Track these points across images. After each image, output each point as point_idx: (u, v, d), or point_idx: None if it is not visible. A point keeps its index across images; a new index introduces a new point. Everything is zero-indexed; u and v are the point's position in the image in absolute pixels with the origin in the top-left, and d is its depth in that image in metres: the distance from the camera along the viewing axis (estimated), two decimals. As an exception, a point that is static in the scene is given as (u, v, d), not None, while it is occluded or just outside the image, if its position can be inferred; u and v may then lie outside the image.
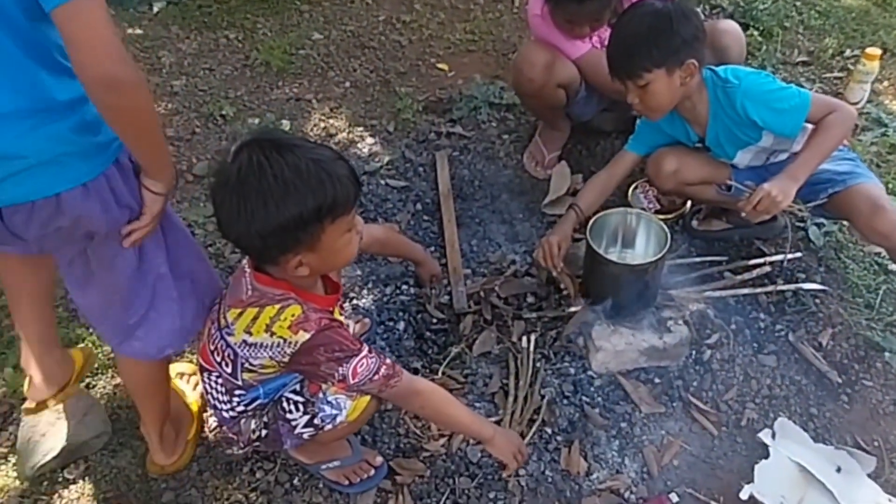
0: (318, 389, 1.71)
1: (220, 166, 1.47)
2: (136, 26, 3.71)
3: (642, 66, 2.02)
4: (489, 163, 2.97)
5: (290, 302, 1.52)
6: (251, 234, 1.43)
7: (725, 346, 2.25)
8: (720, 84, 2.16)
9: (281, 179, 1.38)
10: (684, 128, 2.29)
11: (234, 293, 1.60)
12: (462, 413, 1.80)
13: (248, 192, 1.39)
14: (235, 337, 1.57)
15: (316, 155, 1.44)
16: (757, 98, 2.10)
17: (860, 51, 3.23)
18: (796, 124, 2.11)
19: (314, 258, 1.49)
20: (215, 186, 1.46)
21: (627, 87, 2.09)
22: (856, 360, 2.25)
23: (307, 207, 1.41)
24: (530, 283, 2.43)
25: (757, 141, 2.20)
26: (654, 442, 2.04)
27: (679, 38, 2.01)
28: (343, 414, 1.73)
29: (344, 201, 1.46)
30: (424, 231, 2.67)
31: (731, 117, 2.16)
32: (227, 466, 1.98)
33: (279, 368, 1.60)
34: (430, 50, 3.62)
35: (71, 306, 2.36)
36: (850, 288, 2.43)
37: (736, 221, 2.54)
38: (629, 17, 2.10)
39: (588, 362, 2.20)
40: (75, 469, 1.97)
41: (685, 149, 2.35)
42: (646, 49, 2.01)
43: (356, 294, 2.43)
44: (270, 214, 1.39)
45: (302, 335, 1.50)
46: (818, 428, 2.08)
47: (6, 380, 2.15)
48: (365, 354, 1.58)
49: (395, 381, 1.63)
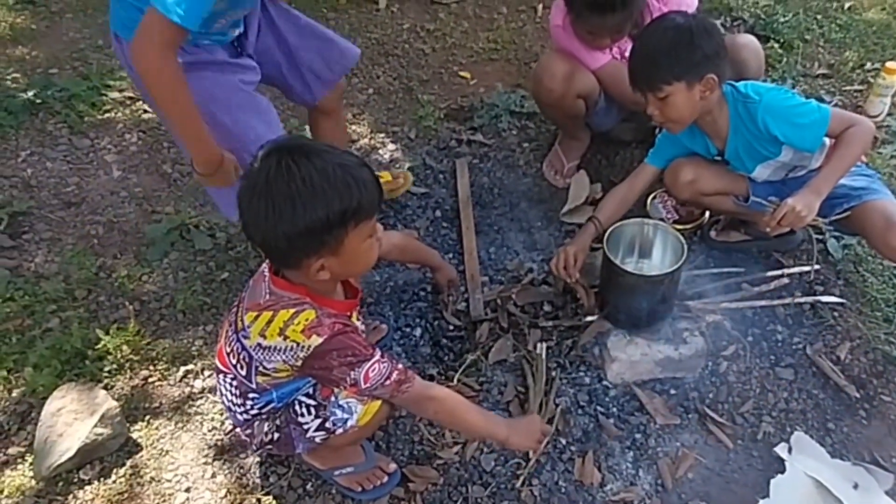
0: (330, 393, 1.73)
1: (247, 171, 1.49)
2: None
3: (663, 78, 2.03)
4: (509, 171, 2.97)
5: (305, 307, 1.53)
6: (277, 235, 1.44)
7: (742, 358, 2.24)
8: (741, 99, 2.16)
9: (309, 182, 1.41)
10: (704, 141, 2.29)
11: (252, 297, 1.61)
12: (476, 418, 1.78)
13: (276, 195, 1.41)
14: (251, 340, 1.58)
15: (342, 160, 1.47)
16: (778, 113, 2.11)
17: (880, 64, 3.21)
18: (816, 139, 2.12)
19: (336, 262, 1.51)
20: (243, 190, 1.48)
21: (647, 98, 2.10)
22: (874, 374, 2.22)
23: (333, 211, 1.43)
24: (547, 291, 2.43)
25: (777, 155, 2.21)
26: (669, 454, 2.03)
27: (700, 53, 2.02)
28: (354, 418, 1.74)
29: (368, 206, 1.48)
30: (443, 238, 2.67)
31: (752, 132, 2.17)
32: (241, 470, 1.99)
33: (292, 372, 1.61)
34: (453, 58, 3.64)
35: (91, 306, 2.40)
36: (870, 301, 2.40)
37: (754, 233, 2.53)
38: (651, 30, 2.12)
39: (603, 372, 2.20)
40: (91, 470, 1.99)
41: (703, 160, 2.35)
42: (666, 62, 2.02)
43: (374, 300, 2.44)
44: (298, 216, 1.41)
45: (315, 339, 1.51)
46: (835, 443, 2.05)
47: (26, 379, 2.17)
48: (377, 359, 1.59)
49: (407, 387, 1.64)
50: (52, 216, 2.74)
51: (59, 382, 2.12)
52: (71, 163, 2.97)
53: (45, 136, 3.08)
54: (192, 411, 2.14)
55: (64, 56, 3.55)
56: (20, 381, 2.19)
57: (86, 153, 3.02)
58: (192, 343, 2.31)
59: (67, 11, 3.92)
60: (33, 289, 2.44)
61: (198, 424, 2.10)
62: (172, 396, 2.17)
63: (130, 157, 3.01)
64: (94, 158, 3.00)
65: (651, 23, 2.18)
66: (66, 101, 3.21)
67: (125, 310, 2.39)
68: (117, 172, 2.94)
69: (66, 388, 2.06)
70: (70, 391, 2.05)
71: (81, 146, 3.04)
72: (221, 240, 2.63)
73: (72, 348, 2.23)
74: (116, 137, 3.10)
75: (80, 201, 2.81)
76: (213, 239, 2.63)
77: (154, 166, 2.97)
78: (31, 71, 3.44)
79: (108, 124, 3.16)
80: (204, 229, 2.66)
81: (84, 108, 3.19)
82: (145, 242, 2.64)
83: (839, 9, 3.91)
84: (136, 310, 2.40)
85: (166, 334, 2.34)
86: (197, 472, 1.99)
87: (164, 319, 2.39)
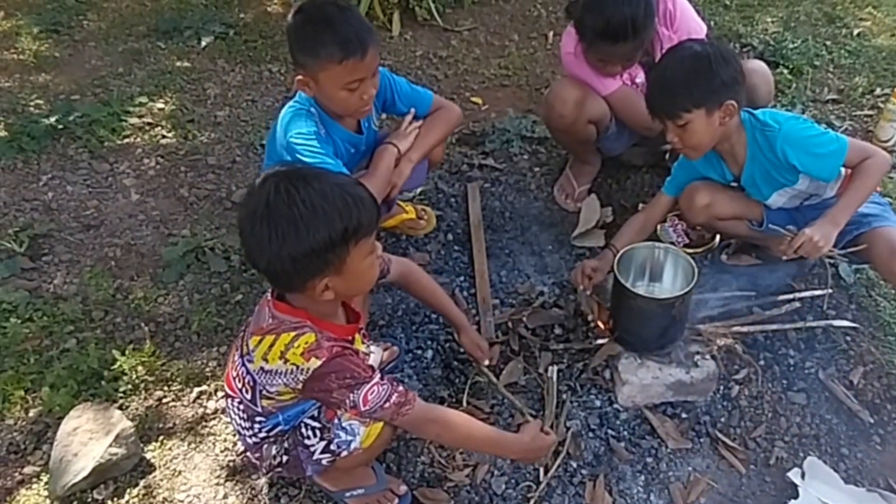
0: (334, 415, 1.74)
1: (246, 197, 1.53)
2: (185, 59, 3.83)
3: (682, 106, 2.06)
4: (520, 195, 3.00)
5: (306, 330, 1.56)
6: (283, 258, 1.47)
7: (754, 383, 2.23)
8: (759, 127, 2.18)
9: (310, 204, 1.44)
10: (720, 167, 2.31)
11: (256, 321, 1.64)
12: (481, 437, 1.77)
13: (278, 219, 1.45)
14: (255, 364, 1.60)
15: (338, 181, 1.52)
16: (796, 143, 2.13)
17: (890, 89, 3.22)
18: (834, 169, 2.15)
19: (339, 281, 1.54)
20: (243, 216, 1.51)
21: (667, 126, 2.13)
22: (888, 399, 2.21)
23: (335, 230, 1.46)
24: (558, 314, 2.44)
25: (793, 184, 2.22)
26: (681, 478, 2.02)
27: (718, 80, 2.04)
28: (357, 440, 1.75)
29: (368, 222, 1.52)
30: (455, 261, 2.69)
31: (770, 160, 2.19)
32: (252, 491, 2.00)
33: (295, 395, 1.63)
34: (465, 84, 3.68)
35: (108, 327, 2.43)
36: (882, 326, 2.40)
37: (765, 257, 2.54)
38: (669, 58, 2.15)
39: (614, 395, 2.20)
40: (105, 489, 2.01)
41: (718, 184, 2.36)
42: (686, 90, 2.05)
43: (385, 322, 2.45)
44: (301, 238, 1.44)
45: (314, 362, 1.53)
46: (849, 469, 2.04)
47: (42, 399, 2.20)
48: (376, 382, 1.60)
49: (408, 409, 1.65)
50: (72, 238, 2.78)
51: (76, 402, 2.15)
52: (91, 186, 3.03)
53: (66, 160, 3.14)
54: (205, 432, 2.15)
55: (86, 83, 3.63)
56: (37, 401, 2.22)
57: (105, 177, 3.07)
58: (206, 364, 2.34)
59: (90, 40, 4.00)
60: (52, 310, 2.48)
61: (210, 445, 2.12)
62: (186, 417, 2.19)
63: (148, 182, 3.06)
64: (114, 182, 3.05)
65: (668, 51, 2.21)
66: (86, 126, 3.27)
67: (141, 331, 2.43)
68: (135, 196, 2.99)
69: (81, 408, 2.09)
70: (86, 411, 2.08)
71: (101, 170, 3.10)
72: (236, 262, 2.66)
73: (88, 368, 2.26)
74: (135, 162, 3.15)
75: (99, 224, 2.86)
76: (227, 261, 2.67)
77: (171, 190, 3.02)
78: (53, 97, 3.52)
79: (127, 149, 3.22)
80: (219, 252, 2.70)
81: (104, 133, 3.25)
82: (161, 265, 2.68)
83: (848, 35, 3.93)
84: (152, 331, 2.43)
85: (181, 355, 2.37)
86: (209, 492, 2.01)
87: (178, 340, 2.41)
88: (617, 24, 2.34)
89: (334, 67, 2.02)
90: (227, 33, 4.03)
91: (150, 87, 3.60)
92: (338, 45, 2.00)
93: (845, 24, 4.03)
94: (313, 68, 2.05)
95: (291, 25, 2.10)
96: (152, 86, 3.61)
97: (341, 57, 2.00)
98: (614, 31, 2.35)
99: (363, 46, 2.02)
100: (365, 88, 2.10)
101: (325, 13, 2.05)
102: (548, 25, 4.11)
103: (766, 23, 4.03)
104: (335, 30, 2.01)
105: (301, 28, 2.07)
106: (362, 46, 2.02)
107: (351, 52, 2.00)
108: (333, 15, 2.03)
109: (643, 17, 2.35)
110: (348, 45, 2.00)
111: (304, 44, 2.06)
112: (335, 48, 2.00)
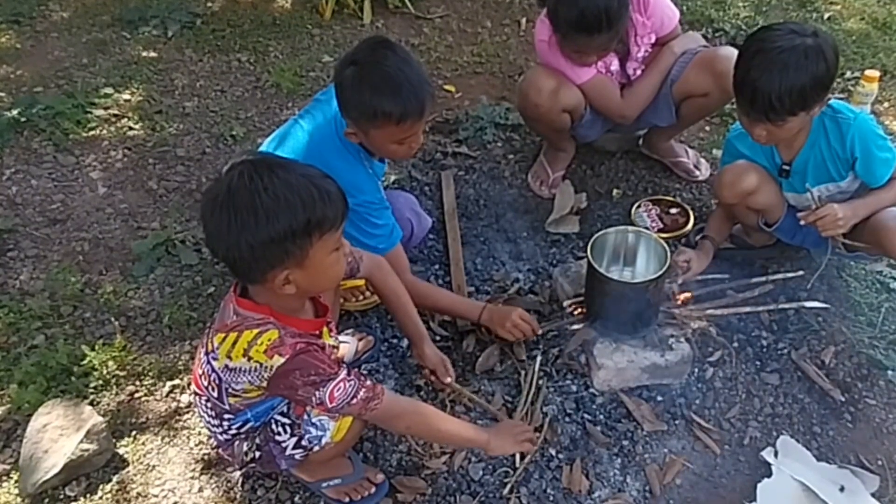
0: (303, 412, 1.72)
1: (211, 184, 1.50)
2: (151, 49, 3.77)
3: (792, 112, 2.00)
4: (494, 182, 2.99)
5: (269, 327, 1.53)
6: (241, 246, 1.44)
7: (728, 364, 2.25)
8: (829, 113, 2.13)
9: (272, 193, 1.41)
10: (770, 150, 2.26)
11: (220, 318, 1.62)
12: (452, 427, 1.80)
13: (238, 206, 1.42)
14: (219, 362, 1.58)
15: (305, 171, 1.48)
16: (867, 137, 2.11)
17: (860, 73, 3.25)
18: (882, 176, 2.15)
19: (301, 275, 1.51)
20: (205, 202, 1.48)
21: (762, 122, 2.04)
22: (859, 378, 2.24)
23: (297, 220, 1.43)
24: (533, 301, 2.44)
25: (841, 180, 2.21)
26: (657, 460, 2.03)
27: (830, 79, 1.99)
28: (328, 435, 1.74)
29: (333, 216, 1.49)
30: (429, 249, 2.68)
31: (832, 148, 2.15)
32: (228, 484, 1.98)
33: (261, 393, 1.61)
34: (438, 72, 3.66)
35: (77, 322, 2.39)
36: (853, 306, 2.43)
37: (739, 243, 2.57)
38: (785, 59, 1.95)
39: (590, 380, 2.20)
40: (77, 486, 1.98)
41: (765, 172, 2.30)
42: (801, 99, 1.97)
43: (360, 312, 2.44)
44: (261, 226, 1.42)
45: (277, 359, 1.51)
46: (821, 447, 2.07)
47: (11, 396, 2.16)
48: (342, 378, 1.58)
49: (376, 404, 1.64)
50: (38, 233, 2.73)
51: (45, 399, 2.11)
52: (56, 180, 2.97)
53: (31, 154, 3.08)
54: (179, 426, 2.13)
55: (49, 74, 3.56)
56: (5, 399, 2.17)
57: (71, 170, 3.02)
58: (179, 358, 2.31)
59: (53, 30, 3.93)
60: (18, 306, 2.43)
61: (184, 439, 2.09)
62: (159, 411, 2.17)
63: (116, 174, 3.01)
64: (80, 176, 3.00)
65: (764, 46, 1.99)
66: (51, 119, 3.21)
67: (111, 325, 2.39)
68: (103, 189, 2.94)
69: (51, 405, 2.05)
70: (56, 407, 2.04)
71: (67, 164, 3.04)
72: (207, 254, 2.62)
73: (57, 365, 2.23)
74: (102, 155, 3.10)
75: (66, 218, 2.80)
76: (199, 254, 2.63)
77: (140, 183, 2.97)
78: (15, 90, 3.45)
79: (93, 142, 3.16)
80: (190, 244, 2.66)
81: (69, 125, 3.19)
82: (131, 258, 2.64)
83: (818, 19, 3.96)
84: (123, 325, 2.39)
85: (152, 349, 2.33)
86: (184, 486, 1.98)
87: (150, 335, 2.38)
88: (591, 16, 2.30)
89: (390, 127, 1.92)
90: (195, 22, 3.97)
91: (116, 78, 3.53)
92: (397, 109, 1.88)
93: (816, 8, 4.07)
94: (366, 125, 1.94)
95: (346, 80, 1.92)
96: (118, 77, 3.55)
97: (399, 119, 1.90)
98: (589, 22, 2.32)
99: (421, 107, 1.91)
100: (415, 140, 2.01)
101: (383, 73, 1.89)
102: (520, 12, 4.11)
103: (738, 7, 4.05)
104: (394, 92, 1.87)
105: (357, 87, 1.90)
106: (420, 107, 1.91)
107: (409, 114, 1.90)
108: (392, 75, 1.88)
109: (617, 7, 2.32)
110: (407, 106, 1.89)
111: (360, 105, 1.91)
112: (394, 111, 1.88)
